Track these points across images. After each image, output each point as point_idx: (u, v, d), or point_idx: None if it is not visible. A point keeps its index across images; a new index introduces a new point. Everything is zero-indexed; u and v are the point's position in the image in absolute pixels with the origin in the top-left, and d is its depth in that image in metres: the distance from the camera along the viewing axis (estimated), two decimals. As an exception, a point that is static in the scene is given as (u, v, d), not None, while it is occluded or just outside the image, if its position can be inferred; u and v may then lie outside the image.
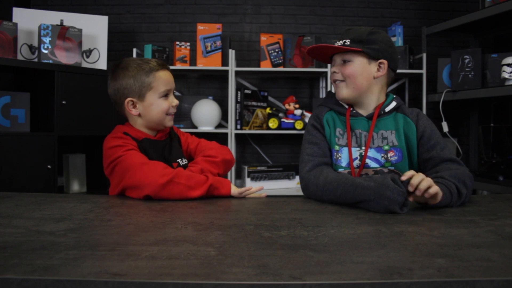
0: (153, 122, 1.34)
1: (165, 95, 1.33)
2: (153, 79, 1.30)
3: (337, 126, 1.29)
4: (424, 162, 1.26)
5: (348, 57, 1.26)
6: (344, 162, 1.26)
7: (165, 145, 1.37)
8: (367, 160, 1.25)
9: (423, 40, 2.89)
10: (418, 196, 1.01)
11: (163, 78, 1.31)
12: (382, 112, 1.28)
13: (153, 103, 1.31)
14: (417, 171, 1.24)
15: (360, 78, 1.26)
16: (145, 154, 1.28)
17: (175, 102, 1.35)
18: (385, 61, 1.27)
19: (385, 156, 1.25)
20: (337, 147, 1.28)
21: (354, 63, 1.25)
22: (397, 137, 1.27)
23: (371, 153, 1.26)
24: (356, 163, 1.26)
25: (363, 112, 1.30)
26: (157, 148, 1.33)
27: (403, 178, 1.01)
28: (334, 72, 1.29)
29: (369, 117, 1.28)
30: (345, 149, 1.26)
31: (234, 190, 1.24)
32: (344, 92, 1.28)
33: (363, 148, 1.26)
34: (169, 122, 1.36)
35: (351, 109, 1.31)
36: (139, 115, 1.32)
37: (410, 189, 1.00)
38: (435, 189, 1.01)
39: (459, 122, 3.11)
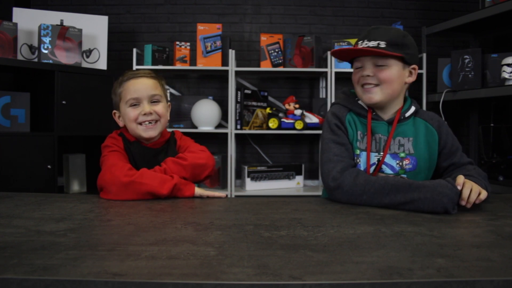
0: (131, 131, 1.32)
1: (134, 104, 1.29)
2: (122, 89, 1.31)
3: (358, 129, 1.24)
4: (445, 168, 1.27)
5: (384, 62, 1.18)
6: (362, 166, 1.22)
7: (160, 151, 1.35)
8: (383, 166, 1.22)
9: (423, 40, 2.89)
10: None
11: (130, 87, 1.29)
12: (402, 117, 1.24)
13: (124, 113, 1.31)
14: (433, 176, 1.27)
15: (396, 84, 1.20)
16: (131, 157, 1.30)
17: (145, 110, 1.27)
18: (416, 67, 1.23)
19: (400, 164, 1.22)
20: (357, 151, 1.22)
21: (391, 68, 1.18)
22: (414, 145, 1.23)
23: (387, 159, 1.22)
24: (373, 168, 1.22)
25: (384, 116, 1.25)
26: (146, 154, 1.32)
27: (458, 187, 1.03)
28: (368, 75, 1.19)
29: (389, 122, 1.23)
30: (364, 154, 1.22)
31: (197, 190, 1.23)
32: (378, 96, 1.19)
33: (381, 153, 1.22)
34: (143, 132, 1.29)
35: (372, 112, 1.25)
36: (125, 126, 1.35)
37: (462, 203, 1.03)
38: (484, 195, 1.04)
39: (459, 122, 3.11)
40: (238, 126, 2.83)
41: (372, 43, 1.17)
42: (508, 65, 2.29)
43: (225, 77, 2.99)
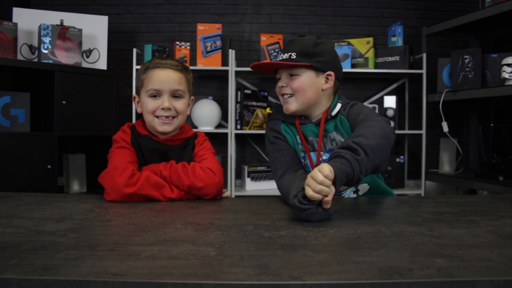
0: (147, 123, 1.29)
1: (154, 95, 1.25)
2: (146, 77, 1.26)
3: (296, 134, 1.30)
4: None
5: (296, 71, 1.23)
6: (310, 167, 1.28)
7: (172, 149, 1.29)
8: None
9: (423, 40, 2.89)
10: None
11: (154, 77, 1.24)
12: (329, 116, 1.26)
13: (143, 102, 1.27)
14: None
15: (309, 92, 1.23)
16: (140, 151, 1.25)
17: (164, 105, 1.23)
18: (332, 73, 1.25)
19: None
20: (302, 154, 1.29)
21: (302, 77, 1.23)
22: (342, 136, 1.25)
23: (326, 156, 1.26)
24: None
25: (311, 119, 1.29)
26: (156, 149, 1.27)
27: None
28: (282, 86, 1.26)
29: (317, 123, 1.27)
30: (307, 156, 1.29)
31: None
32: (293, 106, 1.25)
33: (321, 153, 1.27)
34: (159, 126, 1.25)
35: (300, 117, 1.29)
36: (142, 113, 1.30)
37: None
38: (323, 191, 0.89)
39: (459, 122, 3.11)
40: (238, 126, 2.83)
41: (285, 55, 1.24)
42: (508, 65, 2.29)
43: (225, 77, 2.99)
